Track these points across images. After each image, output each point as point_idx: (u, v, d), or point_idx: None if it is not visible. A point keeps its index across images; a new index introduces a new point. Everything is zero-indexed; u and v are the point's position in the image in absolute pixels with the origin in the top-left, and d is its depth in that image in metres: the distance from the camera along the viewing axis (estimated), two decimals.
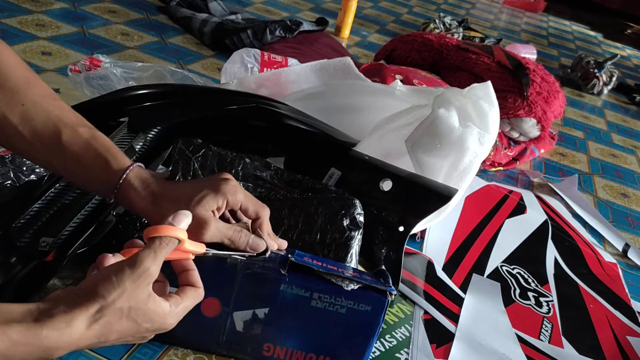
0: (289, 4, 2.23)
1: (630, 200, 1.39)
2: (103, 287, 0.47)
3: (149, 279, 0.49)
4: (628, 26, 3.92)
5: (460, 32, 2.16)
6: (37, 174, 0.75)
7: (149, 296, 0.49)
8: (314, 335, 0.64)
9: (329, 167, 0.83)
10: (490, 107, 0.89)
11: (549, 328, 0.86)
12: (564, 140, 1.65)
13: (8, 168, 0.73)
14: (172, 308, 0.51)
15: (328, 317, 0.62)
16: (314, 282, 0.61)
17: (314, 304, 0.62)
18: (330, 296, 0.62)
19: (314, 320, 0.63)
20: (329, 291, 0.62)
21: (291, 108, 0.91)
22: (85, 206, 0.69)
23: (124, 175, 0.58)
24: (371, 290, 0.62)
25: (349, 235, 0.72)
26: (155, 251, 0.49)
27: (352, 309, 0.62)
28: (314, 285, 0.61)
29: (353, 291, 0.62)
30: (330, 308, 0.62)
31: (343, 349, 0.64)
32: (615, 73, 2.19)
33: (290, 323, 0.63)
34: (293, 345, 0.64)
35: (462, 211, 1.08)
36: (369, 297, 0.62)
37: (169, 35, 1.59)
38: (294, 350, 0.64)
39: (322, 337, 0.64)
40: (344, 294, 0.62)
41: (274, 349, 0.64)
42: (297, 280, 0.61)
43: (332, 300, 0.62)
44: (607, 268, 1.05)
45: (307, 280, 0.61)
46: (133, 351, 0.64)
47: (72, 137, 0.59)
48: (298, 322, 0.63)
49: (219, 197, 0.58)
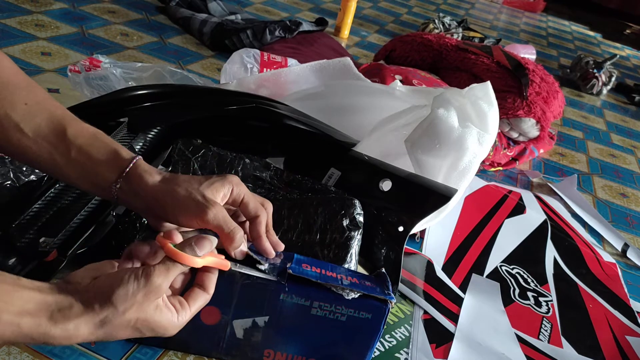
0: (288, 4, 2.23)
1: (630, 200, 1.40)
2: (117, 297, 0.48)
3: (159, 294, 0.50)
4: (627, 26, 3.92)
5: (460, 33, 2.16)
6: (37, 174, 0.75)
7: (156, 308, 0.50)
8: (315, 342, 0.64)
9: (328, 167, 0.83)
10: (489, 107, 0.89)
11: (548, 328, 0.86)
12: (563, 140, 1.65)
13: (8, 168, 0.73)
14: (178, 320, 0.52)
15: (328, 324, 0.62)
16: (313, 291, 0.61)
17: (314, 312, 0.62)
18: (330, 304, 0.62)
19: (315, 327, 0.63)
20: (329, 299, 0.62)
21: (291, 108, 0.91)
22: (85, 206, 0.69)
23: (135, 160, 0.59)
24: (372, 298, 0.62)
25: (349, 235, 0.72)
26: (169, 269, 0.51)
27: (352, 316, 0.62)
28: (314, 294, 0.61)
29: (353, 300, 0.62)
30: (330, 316, 0.62)
31: (343, 354, 0.64)
32: (614, 73, 2.19)
33: (291, 330, 0.63)
34: (293, 350, 0.64)
35: (461, 211, 1.08)
36: (369, 305, 0.62)
37: (169, 36, 1.59)
38: (294, 356, 0.64)
39: (322, 343, 0.64)
40: (344, 303, 0.62)
41: (274, 355, 0.64)
42: (296, 289, 0.61)
43: (332, 308, 0.62)
44: (607, 268, 1.05)
45: (306, 289, 0.61)
46: (133, 351, 0.64)
47: (79, 130, 0.60)
48: (298, 329, 0.63)
49: (226, 184, 0.59)
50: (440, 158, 0.84)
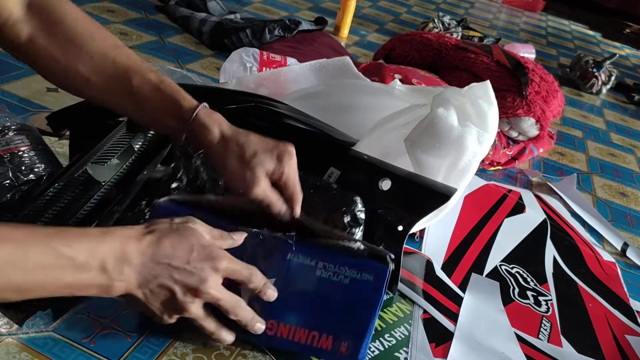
0: (288, 4, 2.23)
1: (629, 199, 1.40)
2: None
3: None
4: (627, 25, 3.92)
5: (459, 32, 2.16)
6: (35, 173, 0.75)
7: None
8: (318, 312, 0.64)
9: (328, 167, 0.83)
10: (489, 106, 0.89)
11: (548, 327, 0.86)
12: (562, 140, 1.65)
13: (7, 167, 0.73)
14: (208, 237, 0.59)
15: (332, 289, 0.64)
16: (319, 251, 0.64)
17: (318, 273, 0.64)
18: (334, 265, 0.64)
19: (318, 292, 0.64)
20: (334, 260, 0.64)
21: (290, 107, 0.91)
22: (85, 205, 0.69)
23: (195, 113, 0.64)
24: (374, 259, 0.64)
25: (350, 232, 0.72)
26: None
27: (355, 279, 0.64)
28: (320, 254, 0.64)
29: (356, 260, 0.64)
30: (334, 278, 0.64)
31: (345, 327, 0.65)
32: (614, 72, 2.19)
33: (295, 296, 0.64)
34: (296, 322, 0.64)
35: (461, 210, 1.08)
36: (371, 266, 0.64)
37: (168, 35, 1.59)
38: (297, 328, 0.64)
39: (325, 314, 0.65)
40: (347, 263, 0.64)
41: (277, 327, 0.64)
42: (304, 248, 0.63)
43: (336, 269, 0.64)
44: (606, 267, 1.05)
45: (313, 249, 0.64)
46: (132, 350, 0.64)
47: (142, 82, 0.65)
48: (302, 296, 0.64)
49: (277, 165, 0.64)
50: (439, 157, 0.84)
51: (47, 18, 0.65)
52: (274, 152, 0.64)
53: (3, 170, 0.73)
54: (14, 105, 1.04)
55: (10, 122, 0.79)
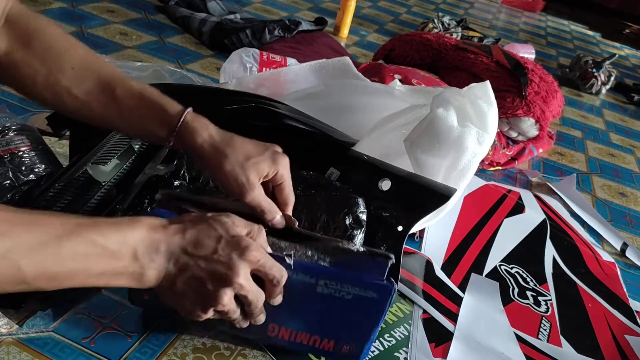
0: (287, 4, 2.23)
1: (629, 199, 1.40)
2: None
3: None
4: (626, 26, 3.92)
5: (459, 32, 2.16)
6: (35, 173, 0.75)
7: None
8: (319, 319, 0.64)
9: (328, 167, 0.83)
10: (488, 106, 0.89)
11: (547, 327, 0.86)
12: (562, 140, 1.65)
13: (7, 168, 0.73)
14: None
15: (334, 303, 0.63)
16: (319, 268, 0.63)
17: (320, 290, 0.62)
18: (336, 283, 0.62)
19: (320, 305, 0.63)
20: (335, 278, 0.62)
21: (290, 108, 0.91)
22: (85, 206, 0.69)
23: (182, 118, 0.62)
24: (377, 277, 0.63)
25: (351, 234, 0.72)
26: None
27: (358, 295, 0.62)
28: (320, 271, 0.62)
29: (360, 278, 0.62)
30: (336, 294, 0.62)
31: (347, 333, 0.65)
32: (613, 73, 2.19)
33: (296, 307, 0.63)
34: (298, 327, 0.64)
35: (460, 210, 1.08)
36: (375, 285, 0.62)
37: (168, 35, 1.59)
38: (298, 332, 0.64)
39: (327, 321, 0.64)
40: (350, 282, 0.62)
41: (278, 330, 0.64)
42: (302, 267, 0.62)
43: (338, 287, 0.62)
44: (606, 267, 1.05)
45: (312, 267, 0.63)
46: (133, 350, 0.64)
47: (126, 90, 0.63)
48: (303, 307, 0.63)
49: (272, 167, 0.63)
50: (439, 157, 0.84)
51: (24, 31, 0.63)
52: (266, 154, 0.63)
53: (3, 171, 0.73)
54: (14, 106, 1.04)
55: (11, 123, 0.79)
